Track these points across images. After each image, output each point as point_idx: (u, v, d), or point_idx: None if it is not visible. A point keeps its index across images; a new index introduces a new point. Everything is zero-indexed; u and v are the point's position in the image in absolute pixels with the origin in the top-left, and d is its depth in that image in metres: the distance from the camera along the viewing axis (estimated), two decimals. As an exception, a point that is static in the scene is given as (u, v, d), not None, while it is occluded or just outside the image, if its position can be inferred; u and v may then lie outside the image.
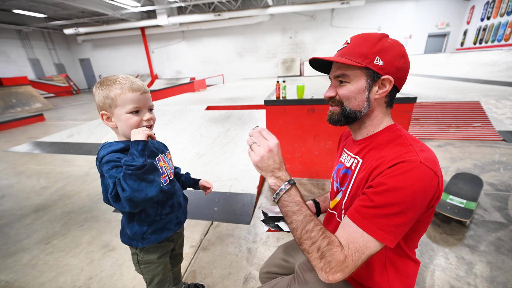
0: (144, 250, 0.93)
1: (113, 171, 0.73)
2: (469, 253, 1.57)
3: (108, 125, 0.81)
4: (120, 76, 0.79)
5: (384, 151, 0.64)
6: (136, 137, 0.72)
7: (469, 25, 10.48)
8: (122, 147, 0.79)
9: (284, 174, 0.68)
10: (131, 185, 0.68)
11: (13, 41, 13.49)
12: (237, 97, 5.65)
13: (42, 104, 8.85)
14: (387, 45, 0.65)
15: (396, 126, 0.71)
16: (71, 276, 1.56)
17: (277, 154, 0.68)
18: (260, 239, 1.81)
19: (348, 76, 0.67)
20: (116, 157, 0.75)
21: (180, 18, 12.39)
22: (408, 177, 0.55)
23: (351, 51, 0.66)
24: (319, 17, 12.54)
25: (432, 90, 5.42)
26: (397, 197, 0.55)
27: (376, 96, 0.68)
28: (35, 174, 3.18)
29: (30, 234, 2.00)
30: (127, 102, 0.76)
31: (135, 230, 0.87)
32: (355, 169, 0.73)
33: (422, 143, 0.65)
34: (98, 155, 0.78)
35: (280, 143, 0.70)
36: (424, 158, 0.58)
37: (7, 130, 5.88)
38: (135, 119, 0.78)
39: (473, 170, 2.65)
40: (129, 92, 0.76)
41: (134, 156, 0.70)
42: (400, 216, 0.56)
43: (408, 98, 2.09)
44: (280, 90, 2.44)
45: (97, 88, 0.77)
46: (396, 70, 0.65)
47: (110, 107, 0.77)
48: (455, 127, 3.81)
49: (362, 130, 0.74)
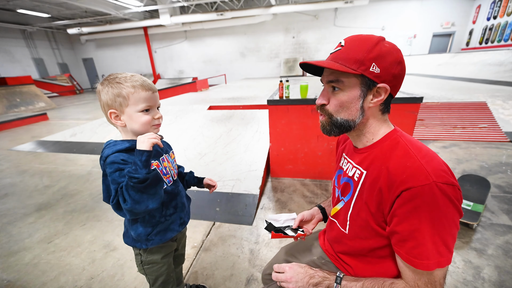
0: (148, 251, 0.92)
1: (116, 174, 0.72)
2: (476, 256, 1.54)
3: (116, 123, 0.79)
4: (127, 73, 0.77)
5: (390, 165, 0.62)
6: (140, 146, 0.69)
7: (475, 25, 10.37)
8: (128, 146, 0.78)
9: (322, 277, 0.69)
10: (133, 196, 0.68)
11: (17, 41, 13.63)
12: (239, 97, 5.64)
13: (45, 103, 8.90)
14: (384, 50, 0.61)
15: (397, 133, 0.68)
16: (73, 276, 1.55)
17: (297, 272, 0.71)
18: (263, 240, 1.79)
19: (342, 82, 0.64)
20: (120, 159, 0.74)
21: (183, 17, 12.40)
22: (434, 205, 0.54)
23: (345, 55, 0.63)
24: (322, 16, 12.49)
25: (436, 91, 5.35)
26: (436, 225, 0.54)
27: (370, 104, 0.65)
28: (38, 173, 3.19)
29: (33, 233, 1.99)
30: (140, 101, 0.76)
31: (139, 232, 0.86)
32: (358, 181, 0.71)
33: (426, 148, 0.63)
34: (102, 154, 0.77)
35: (282, 143, 0.69)
36: (434, 172, 0.56)
37: (11, 129, 5.92)
38: (147, 118, 0.78)
39: (480, 172, 2.60)
40: (142, 90, 0.75)
41: (137, 166, 0.68)
42: (449, 236, 0.55)
43: (414, 98, 2.05)
44: (283, 90, 2.42)
45: (105, 86, 0.75)
46: (393, 78, 0.63)
47: (121, 105, 0.75)
48: (461, 128, 3.75)
49: (361, 137, 0.72)
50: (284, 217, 0.92)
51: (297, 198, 2.33)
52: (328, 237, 0.91)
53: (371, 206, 0.65)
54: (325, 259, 0.91)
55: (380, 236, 0.67)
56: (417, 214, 0.55)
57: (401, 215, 0.57)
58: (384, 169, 0.63)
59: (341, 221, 0.78)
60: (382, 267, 0.72)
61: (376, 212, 0.64)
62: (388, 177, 0.61)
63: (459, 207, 0.55)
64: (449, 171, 0.58)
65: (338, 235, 0.82)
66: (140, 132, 0.78)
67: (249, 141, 3.12)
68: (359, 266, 0.77)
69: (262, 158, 2.71)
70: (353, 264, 0.79)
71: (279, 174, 2.74)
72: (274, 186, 2.58)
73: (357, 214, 0.70)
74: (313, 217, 0.97)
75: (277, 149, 2.58)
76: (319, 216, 0.98)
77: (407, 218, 0.56)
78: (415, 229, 0.55)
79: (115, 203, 0.71)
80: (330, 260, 0.89)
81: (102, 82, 0.77)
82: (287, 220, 0.92)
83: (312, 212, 0.97)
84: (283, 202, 2.28)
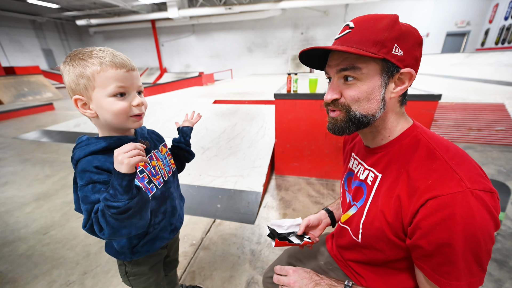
0: (133, 262, 0.79)
1: (88, 189, 0.55)
2: (497, 268, 1.42)
3: (86, 114, 0.60)
4: (96, 48, 0.59)
5: (411, 167, 0.52)
6: (119, 168, 0.50)
7: (492, 24, 10.00)
8: (104, 146, 0.61)
9: (329, 284, 0.62)
10: (112, 224, 0.52)
11: (27, 31, 13.76)
12: (245, 92, 5.54)
13: (52, 93, 8.95)
14: (404, 29, 0.50)
15: (417, 129, 0.58)
16: (66, 270, 1.48)
17: (302, 276, 0.65)
18: (265, 241, 1.70)
19: (359, 69, 0.52)
20: (94, 166, 0.57)
21: (191, 11, 12.30)
22: (469, 217, 0.44)
23: (360, 37, 0.51)
24: (332, 12, 12.24)
25: (450, 91, 5.15)
26: (470, 241, 0.45)
27: (392, 95, 0.54)
28: (40, 162, 3.16)
29: (29, 223, 1.94)
30: (109, 82, 0.57)
31: (123, 244, 0.72)
32: (372, 185, 0.61)
33: (454, 146, 0.53)
34: (73, 155, 0.61)
35: (288, 139, 0.59)
36: (467, 176, 0.46)
37: (17, 117, 5.95)
38: (121, 105, 0.59)
39: (497, 177, 2.45)
40: (111, 68, 0.57)
41: (117, 191, 0.50)
42: (484, 253, 0.46)
43: (432, 95, 1.92)
44: (291, 83, 2.30)
45: (67, 65, 0.57)
46: (415, 61, 0.52)
47: (86, 89, 0.57)
48: (476, 130, 3.58)
49: (375, 135, 0.61)
50: (288, 222, 0.82)
51: (302, 197, 2.23)
52: (338, 243, 0.82)
53: (388, 215, 0.55)
54: (333, 265, 0.83)
55: (399, 248, 0.57)
56: (446, 227, 0.45)
57: (427, 227, 0.47)
58: (403, 172, 0.53)
59: (353, 229, 0.69)
60: (398, 280, 0.63)
61: (394, 222, 0.54)
62: (409, 183, 0.51)
63: (497, 218, 0.46)
64: (485, 175, 0.48)
65: (350, 243, 0.72)
66: (115, 125, 0.61)
67: (253, 137, 3.02)
68: (372, 277, 0.69)
69: (266, 155, 2.61)
70: (365, 274, 0.71)
71: (283, 171, 2.63)
72: (278, 183, 2.48)
73: (371, 223, 0.60)
74: (320, 222, 0.87)
75: (282, 145, 2.47)
76: (326, 220, 0.88)
77: (434, 231, 0.46)
78: (444, 244, 0.45)
79: (88, 229, 0.55)
80: (339, 266, 0.80)
81: (65, 59, 0.58)
82: (291, 226, 0.82)
83: (319, 216, 0.88)
84: (287, 201, 2.18)
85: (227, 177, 2.34)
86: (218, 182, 2.28)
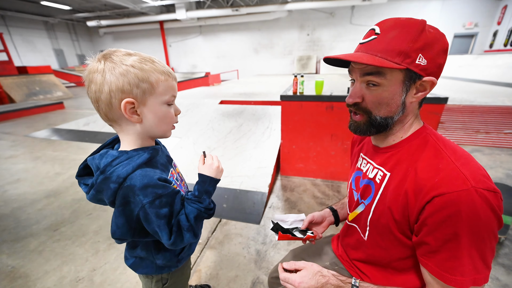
0: (171, 272, 0.79)
1: (156, 205, 0.55)
2: (504, 273, 1.40)
3: (131, 118, 0.56)
4: (141, 53, 0.57)
5: (419, 166, 0.54)
6: (218, 176, 0.66)
7: (500, 26, 9.81)
8: (148, 157, 0.59)
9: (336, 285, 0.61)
10: (195, 230, 0.61)
11: (40, 32, 14.12)
12: (251, 93, 5.56)
13: (63, 92, 9.13)
14: (431, 37, 0.51)
15: (426, 130, 0.60)
16: (75, 266, 1.52)
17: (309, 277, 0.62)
18: (270, 241, 1.71)
19: (383, 75, 0.53)
20: (157, 179, 0.56)
21: (198, 12, 12.42)
22: (474, 214, 0.46)
23: (385, 46, 0.52)
24: (338, 14, 12.19)
25: (457, 93, 5.07)
26: (475, 237, 0.47)
27: (413, 99, 0.56)
28: (51, 160, 3.23)
29: (40, 219, 2.00)
30: (168, 91, 0.58)
31: (168, 256, 0.72)
32: (381, 183, 0.63)
33: (460, 149, 0.55)
34: (110, 174, 0.54)
35: (294, 140, 0.61)
36: (472, 176, 0.47)
37: (28, 116, 6.09)
38: (172, 113, 0.62)
39: (506, 180, 2.42)
40: (170, 78, 0.59)
41: (210, 195, 0.63)
42: (488, 250, 0.48)
43: (438, 98, 1.91)
44: (298, 85, 2.31)
45: (119, 65, 0.52)
46: (438, 69, 0.53)
47: (144, 93, 0.55)
48: (484, 132, 3.52)
49: (389, 136, 0.63)
50: (292, 217, 0.84)
51: (307, 198, 2.24)
52: (345, 242, 0.83)
53: (395, 212, 0.57)
54: (339, 265, 0.84)
55: (404, 246, 0.59)
56: (452, 224, 0.46)
57: (432, 224, 0.49)
58: (411, 170, 0.55)
59: (361, 226, 0.70)
60: (403, 279, 0.64)
61: (400, 219, 0.56)
62: (416, 180, 0.53)
63: (500, 216, 0.48)
64: (489, 177, 0.50)
65: (357, 241, 0.74)
66: (156, 132, 0.61)
67: (259, 137, 3.04)
68: (377, 277, 0.70)
69: (272, 155, 2.63)
70: (370, 274, 0.72)
71: (289, 172, 2.64)
72: (283, 184, 2.49)
73: (378, 220, 0.62)
74: (324, 219, 0.89)
75: (288, 146, 2.49)
76: (330, 218, 0.90)
77: (440, 227, 0.48)
78: (449, 239, 0.47)
79: (173, 242, 0.58)
80: (344, 267, 0.82)
81: (104, 57, 0.54)
82: (295, 221, 0.83)
83: (323, 214, 0.89)
84: (292, 202, 2.19)
85: (233, 177, 2.36)
86: (224, 182, 2.30)
